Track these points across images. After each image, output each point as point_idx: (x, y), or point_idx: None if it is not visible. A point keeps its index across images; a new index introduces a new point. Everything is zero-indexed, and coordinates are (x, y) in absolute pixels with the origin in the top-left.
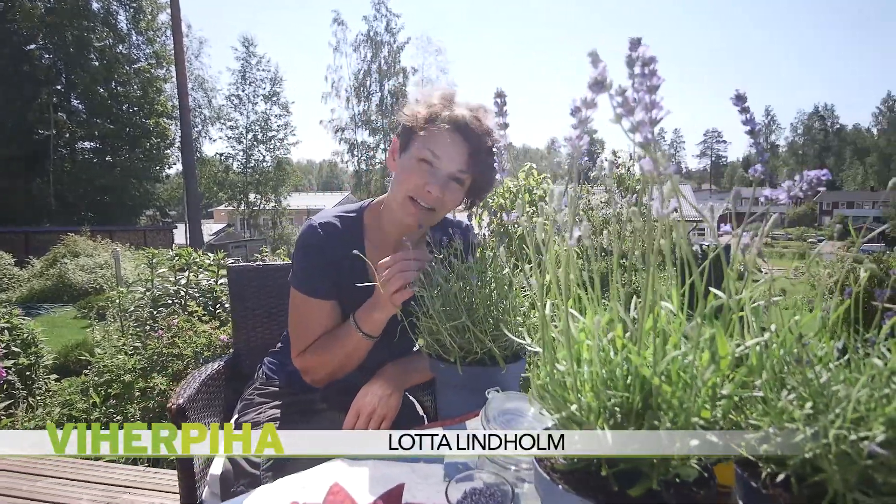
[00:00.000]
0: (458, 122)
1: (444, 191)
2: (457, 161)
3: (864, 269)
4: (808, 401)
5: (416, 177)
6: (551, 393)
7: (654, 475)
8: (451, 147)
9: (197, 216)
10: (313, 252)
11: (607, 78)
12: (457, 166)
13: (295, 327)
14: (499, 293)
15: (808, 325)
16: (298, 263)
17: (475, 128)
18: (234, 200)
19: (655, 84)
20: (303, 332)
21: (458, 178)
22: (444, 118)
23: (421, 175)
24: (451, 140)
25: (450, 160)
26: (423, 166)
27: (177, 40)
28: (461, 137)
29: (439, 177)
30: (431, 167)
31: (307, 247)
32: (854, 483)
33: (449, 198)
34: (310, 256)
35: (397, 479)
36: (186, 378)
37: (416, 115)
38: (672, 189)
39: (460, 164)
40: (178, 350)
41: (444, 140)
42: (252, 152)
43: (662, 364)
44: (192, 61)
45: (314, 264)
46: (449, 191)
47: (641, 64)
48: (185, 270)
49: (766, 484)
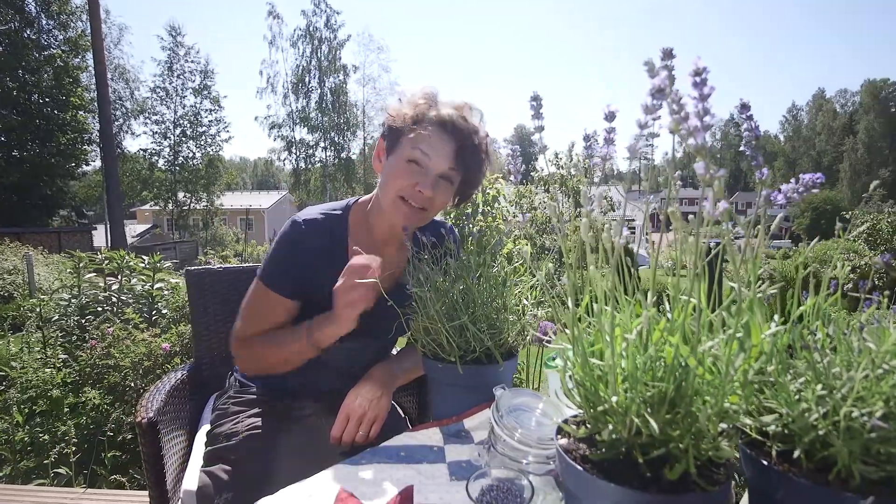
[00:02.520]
0: (446, 121)
1: (434, 190)
2: (446, 160)
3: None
4: (816, 383)
5: (407, 177)
6: (586, 388)
7: (689, 458)
8: (440, 146)
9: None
10: (288, 247)
11: (668, 86)
12: (446, 165)
13: (245, 312)
14: (495, 291)
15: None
16: (270, 255)
17: (462, 126)
18: (160, 200)
19: (707, 93)
20: (251, 321)
21: (448, 177)
22: (432, 118)
23: (411, 175)
24: (440, 139)
25: (439, 159)
26: (412, 167)
27: (94, 26)
28: (449, 136)
29: (429, 176)
30: (421, 167)
31: (283, 241)
32: (858, 455)
33: (439, 197)
34: (283, 251)
35: (404, 481)
36: (150, 390)
37: (403, 115)
38: (719, 190)
39: (449, 162)
40: (114, 361)
41: (432, 140)
42: (180, 148)
43: (700, 353)
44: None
45: (286, 259)
46: (439, 190)
47: (694, 73)
48: (116, 275)
49: (775, 462)
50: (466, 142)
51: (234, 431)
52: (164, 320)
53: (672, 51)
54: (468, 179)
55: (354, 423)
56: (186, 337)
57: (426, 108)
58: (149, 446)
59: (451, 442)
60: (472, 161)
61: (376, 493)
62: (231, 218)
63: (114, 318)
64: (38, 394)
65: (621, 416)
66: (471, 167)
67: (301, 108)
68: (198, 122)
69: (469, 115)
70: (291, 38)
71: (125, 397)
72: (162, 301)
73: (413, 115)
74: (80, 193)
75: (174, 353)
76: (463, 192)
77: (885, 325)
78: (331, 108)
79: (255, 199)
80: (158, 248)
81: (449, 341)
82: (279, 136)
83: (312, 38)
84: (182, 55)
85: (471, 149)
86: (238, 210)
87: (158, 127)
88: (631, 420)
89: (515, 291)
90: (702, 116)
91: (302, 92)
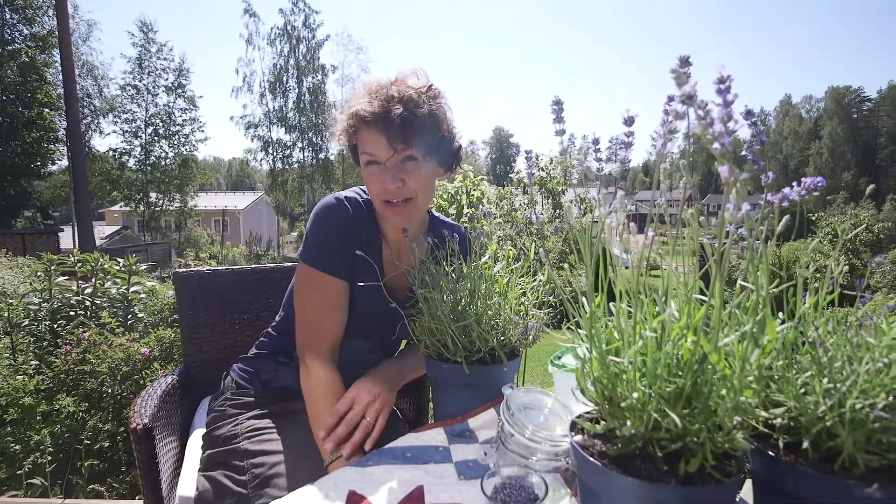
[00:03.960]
0: (362, 115)
1: (402, 177)
2: (387, 148)
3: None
4: (822, 377)
5: (373, 181)
6: (604, 384)
7: (706, 451)
8: (374, 139)
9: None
10: (333, 225)
11: (697, 93)
12: (391, 152)
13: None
14: (499, 292)
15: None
16: (314, 238)
17: (379, 108)
18: (131, 201)
19: (731, 100)
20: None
21: (407, 157)
22: (352, 120)
23: (374, 178)
24: (370, 133)
25: (381, 151)
26: (372, 169)
27: (62, 21)
28: (374, 125)
29: (389, 169)
30: (379, 165)
31: (327, 219)
32: (861, 445)
33: (411, 180)
34: (330, 229)
35: (413, 482)
36: (141, 395)
37: (339, 134)
38: (740, 193)
39: (390, 148)
40: (90, 367)
41: (366, 136)
42: (152, 148)
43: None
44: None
45: (334, 238)
46: (406, 174)
47: (719, 81)
48: (89, 278)
49: (782, 453)
50: (395, 120)
51: (233, 434)
52: (142, 324)
53: (689, 58)
54: (429, 146)
55: (360, 409)
56: (166, 341)
57: (347, 113)
58: (144, 452)
59: (455, 442)
60: (415, 128)
61: (386, 494)
62: (205, 219)
63: (88, 322)
64: (9, 402)
65: (640, 412)
66: (419, 134)
67: (278, 107)
68: (171, 121)
69: (386, 91)
70: (269, 37)
71: (102, 404)
72: (139, 304)
73: (345, 126)
74: (46, 194)
75: (153, 357)
76: (441, 157)
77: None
78: (309, 109)
79: (229, 200)
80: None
81: (454, 341)
82: (256, 136)
83: (290, 37)
84: (154, 52)
85: (405, 120)
86: (212, 211)
87: (129, 126)
88: (649, 415)
89: (518, 292)
90: (726, 122)
91: (279, 91)
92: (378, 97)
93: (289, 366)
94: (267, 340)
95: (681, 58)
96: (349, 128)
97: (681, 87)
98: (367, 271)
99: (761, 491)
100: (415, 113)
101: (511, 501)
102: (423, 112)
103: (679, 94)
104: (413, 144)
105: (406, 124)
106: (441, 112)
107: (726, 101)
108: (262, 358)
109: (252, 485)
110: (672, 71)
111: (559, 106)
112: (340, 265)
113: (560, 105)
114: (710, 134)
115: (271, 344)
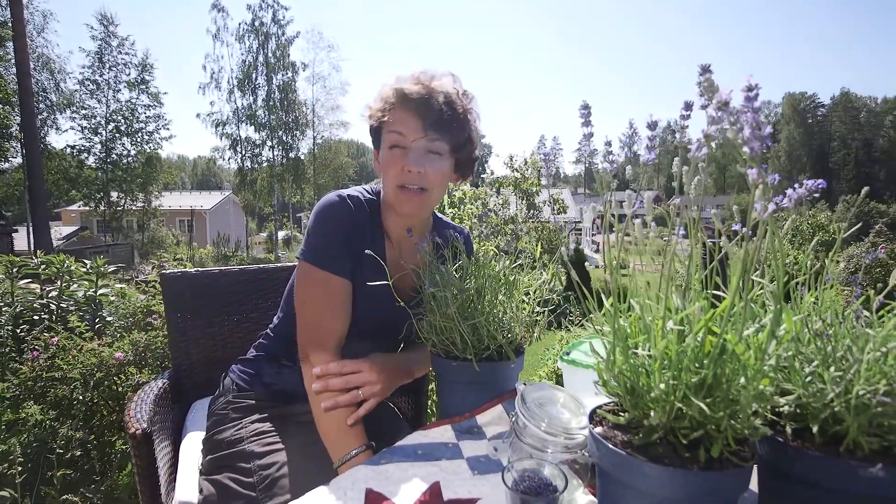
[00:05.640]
0: (406, 94)
1: (423, 164)
2: (418, 130)
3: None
4: (829, 366)
5: (394, 163)
6: (627, 377)
7: (728, 437)
8: (409, 120)
9: (44, 217)
10: (336, 224)
11: (731, 100)
12: (420, 135)
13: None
14: (506, 291)
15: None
16: (317, 236)
17: (424, 93)
18: (90, 200)
19: (758, 106)
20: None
21: (433, 149)
22: (392, 98)
23: (396, 160)
24: (406, 113)
25: (414, 132)
26: (395, 152)
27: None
28: (414, 106)
29: (414, 154)
30: (402, 149)
31: (330, 217)
32: (865, 427)
33: (431, 171)
34: (333, 228)
35: (428, 478)
36: (133, 400)
37: (374, 110)
38: (765, 194)
39: (423, 131)
40: (60, 373)
41: (401, 116)
42: (113, 145)
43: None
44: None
45: (337, 237)
46: (429, 163)
47: (747, 89)
48: (54, 281)
49: (790, 438)
50: (434, 106)
51: (237, 437)
52: (112, 328)
53: (709, 66)
54: (456, 144)
55: (360, 380)
56: (141, 345)
57: (389, 92)
58: (144, 458)
59: (464, 438)
60: (448, 124)
61: (404, 491)
62: (170, 219)
63: (56, 326)
64: None
65: (664, 402)
66: (450, 129)
67: (247, 105)
68: (134, 118)
69: (430, 81)
70: (237, 33)
71: (72, 411)
72: (109, 307)
73: (381, 105)
74: None
75: (127, 362)
76: (460, 159)
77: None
78: (279, 106)
79: (195, 200)
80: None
81: (463, 339)
82: (224, 134)
83: (259, 34)
84: (115, 46)
85: (443, 111)
86: (177, 211)
87: (88, 122)
88: (672, 405)
89: (523, 289)
90: (755, 128)
91: (248, 88)
92: (422, 83)
93: (292, 369)
94: (266, 342)
95: (702, 66)
96: (385, 103)
97: (710, 94)
98: (373, 270)
99: (769, 475)
100: (453, 108)
101: (532, 493)
102: (459, 111)
103: (717, 100)
104: (443, 137)
105: (443, 115)
106: (472, 117)
107: (754, 108)
108: (263, 360)
109: (261, 487)
110: (699, 82)
111: (587, 110)
112: (342, 263)
113: (588, 109)
114: (740, 139)
115: (271, 346)
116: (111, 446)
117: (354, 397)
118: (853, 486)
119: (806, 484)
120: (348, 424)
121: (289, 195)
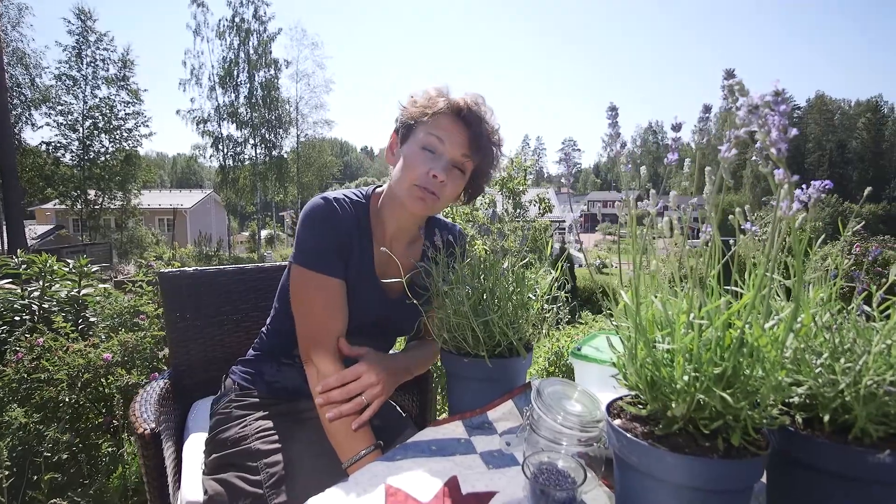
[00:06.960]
0: (460, 107)
1: (447, 175)
2: (460, 146)
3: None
4: (839, 358)
5: (421, 163)
6: (649, 370)
7: (748, 426)
8: (455, 132)
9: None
10: (326, 226)
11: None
12: (460, 151)
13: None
14: (516, 287)
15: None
16: (308, 240)
17: (476, 113)
18: (67, 198)
19: (785, 110)
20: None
21: (460, 165)
22: (444, 104)
23: (425, 162)
24: (454, 125)
25: (453, 145)
26: (425, 154)
27: None
28: (463, 123)
29: (443, 161)
30: (434, 154)
31: (319, 220)
32: (873, 416)
33: (451, 185)
34: (323, 230)
35: (445, 473)
36: (135, 401)
37: (419, 107)
38: (789, 192)
39: (463, 148)
40: (46, 374)
41: (446, 125)
42: (91, 142)
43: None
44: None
45: (326, 237)
46: (451, 177)
47: (774, 94)
48: (36, 280)
49: (800, 427)
50: (479, 129)
51: (242, 435)
52: (97, 328)
53: (734, 71)
54: (479, 171)
55: (360, 386)
56: (129, 346)
57: (438, 96)
58: (152, 458)
59: (476, 434)
60: (484, 150)
61: (421, 486)
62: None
63: (40, 326)
64: None
65: (685, 394)
66: (483, 156)
67: (229, 102)
68: (113, 114)
69: (480, 105)
70: (218, 29)
71: (58, 414)
72: (94, 307)
73: (426, 103)
74: None
75: (115, 363)
76: (473, 185)
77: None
78: (261, 104)
79: (175, 199)
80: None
81: (475, 336)
82: (205, 131)
83: (240, 30)
84: (93, 41)
85: (484, 137)
86: (157, 210)
87: (65, 118)
88: (693, 396)
89: (532, 286)
90: (782, 130)
91: (230, 85)
92: (476, 104)
93: (292, 366)
94: (263, 342)
95: (726, 70)
96: (433, 107)
97: (739, 97)
98: (360, 271)
99: (778, 463)
100: (491, 140)
101: (552, 485)
102: (494, 145)
103: (748, 105)
104: (474, 159)
105: (486, 142)
106: (497, 155)
107: (781, 111)
108: (262, 359)
109: (268, 484)
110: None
111: (614, 112)
112: (335, 264)
113: (615, 111)
114: (768, 141)
115: (268, 344)
116: (97, 449)
117: (358, 405)
118: (862, 472)
119: (812, 470)
120: (353, 430)
121: (272, 194)
